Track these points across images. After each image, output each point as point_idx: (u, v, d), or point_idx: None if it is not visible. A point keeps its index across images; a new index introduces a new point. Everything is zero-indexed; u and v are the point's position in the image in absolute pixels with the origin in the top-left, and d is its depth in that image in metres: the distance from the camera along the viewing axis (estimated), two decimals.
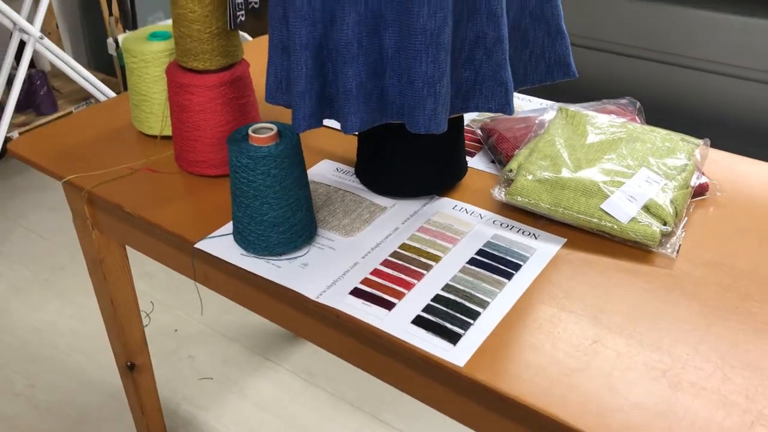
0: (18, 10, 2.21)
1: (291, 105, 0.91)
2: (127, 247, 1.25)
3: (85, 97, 2.79)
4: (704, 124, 2.31)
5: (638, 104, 1.19)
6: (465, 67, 0.86)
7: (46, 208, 2.49)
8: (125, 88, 2.36)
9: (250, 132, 0.88)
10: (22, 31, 2.15)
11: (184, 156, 1.08)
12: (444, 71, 0.81)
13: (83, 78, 2.30)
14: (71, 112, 2.75)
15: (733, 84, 2.25)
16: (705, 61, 2.25)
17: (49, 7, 2.84)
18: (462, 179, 1.05)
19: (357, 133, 1.02)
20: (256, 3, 1.04)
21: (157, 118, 1.16)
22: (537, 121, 1.11)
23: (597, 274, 0.87)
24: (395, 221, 0.98)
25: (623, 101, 1.19)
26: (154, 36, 1.16)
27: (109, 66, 2.93)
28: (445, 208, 1.00)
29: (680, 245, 0.92)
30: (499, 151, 1.09)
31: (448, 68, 0.82)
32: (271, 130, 0.89)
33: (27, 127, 2.55)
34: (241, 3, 1.02)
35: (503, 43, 0.84)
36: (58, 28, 2.95)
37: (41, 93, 2.62)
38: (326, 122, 1.19)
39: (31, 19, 2.23)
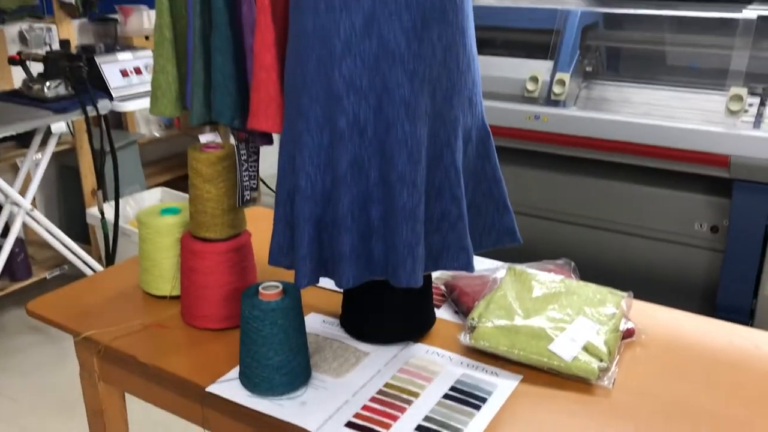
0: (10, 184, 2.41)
1: (292, 266, 1.11)
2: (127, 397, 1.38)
3: (59, 263, 2.93)
4: (627, 278, 2.59)
5: (572, 264, 1.43)
6: (434, 235, 1.09)
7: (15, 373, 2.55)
8: (106, 255, 2.52)
9: (260, 289, 1.07)
10: (14, 203, 2.34)
11: (191, 312, 1.25)
12: (420, 238, 1.03)
13: (67, 248, 2.46)
14: (45, 278, 2.88)
15: (648, 244, 2.56)
16: (626, 225, 2.57)
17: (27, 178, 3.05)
18: (432, 327, 1.24)
19: (343, 289, 1.22)
20: (251, 195, 1.27)
21: (164, 280, 1.33)
22: (491, 278, 1.32)
23: (549, 403, 1.05)
24: (378, 364, 1.15)
25: (560, 261, 1.43)
26: (166, 211, 1.36)
27: (83, 235, 3.10)
28: (420, 351, 1.19)
29: (615, 378, 1.11)
30: (462, 303, 1.29)
31: (422, 236, 1.04)
32: (277, 287, 1.08)
33: (2, 293, 2.66)
34: (247, 185, 1.25)
35: (464, 218, 1.07)
36: (35, 199, 3.14)
37: (18, 260, 2.75)
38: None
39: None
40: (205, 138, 1.28)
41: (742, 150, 2.22)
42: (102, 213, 2.47)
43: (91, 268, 2.67)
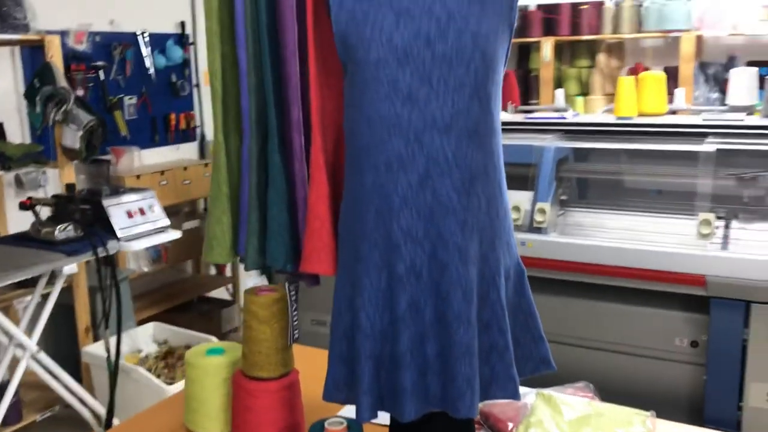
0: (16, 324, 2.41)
1: (347, 401, 1.19)
2: None
3: (49, 405, 2.88)
4: (615, 394, 2.68)
5: (591, 385, 1.54)
6: (484, 367, 1.18)
7: None
8: (111, 390, 2.51)
9: (326, 426, 1.14)
10: (18, 345, 2.34)
11: None
12: (476, 372, 1.13)
13: (69, 390, 2.45)
14: (35, 420, 2.82)
15: (633, 360, 2.68)
16: (612, 343, 2.70)
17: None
18: None
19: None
20: (299, 334, 1.36)
21: (212, 420, 1.38)
22: (521, 404, 1.42)
23: None
24: None
25: (580, 384, 1.53)
26: (211, 351, 1.43)
27: (74, 374, 3.06)
28: None
29: None
30: (499, 430, 1.37)
31: (477, 369, 1.14)
32: (342, 423, 1.15)
33: None
34: (296, 324, 1.34)
35: (510, 349, 1.18)
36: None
37: (10, 403, 2.71)
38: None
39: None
40: (251, 281, 1.38)
41: (716, 270, 2.40)
42: (108, 351, 2.48)
43: (91, 410, 2.65)
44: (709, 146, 2.52)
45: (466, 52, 1.09)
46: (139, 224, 2.56)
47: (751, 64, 3.56)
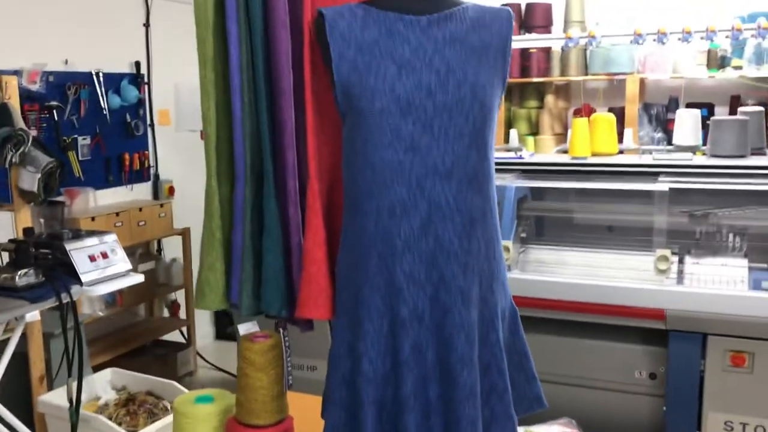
0: None
1: None
2: None
3: None
4: (605, 428, 2.74)
5: (574, 421, 1.57)
6: (484, 408, 1.21)
7: None
8: None
9: None
10: None
11: None
12: (479, 413, 1.15)
13: None
14: None
15: (594, 394, 2.74)
16: (575, 377, 2.75)
17: None
18: None
19: None
20: (292, 380, 1.36)
21: None
22: None
23: None
24: None
25: (563, 420, 1.57)
26: (200, 399, 1.41)
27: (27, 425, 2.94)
28: None
29: None
30: None
31: (480, 410, 1.16)
32: None
33: None
34: (290, 370, 1.33)
35: (509, 390, 1.21)
36: None
37: None
38: None
39: None
40: (244, 328, 1.38)
41: (675, 304, 2.50)
42: (71, 401, 2.39)
43: None
44: (662, 185, 2.64)
45: (466, 103, 1.14)
46: (102, 268, 2.50)
47: (690, 105, 3.75)
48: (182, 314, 4.22)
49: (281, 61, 1.28)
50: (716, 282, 2.58)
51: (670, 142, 3.38)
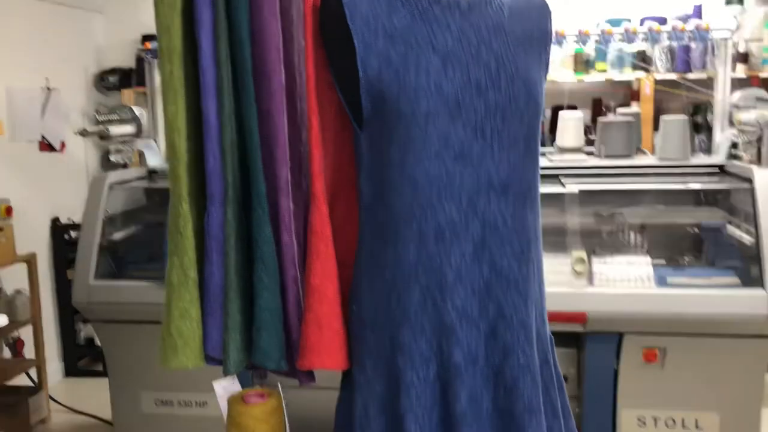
0: None
1: None
2: None
3: None
4: None
5: None
6: None
7: None
8: None
9: None
10: None
11: None
12: None
13: None
14: None
15: None
16: None
17: None
18: None
19: None
20: None
21: None
22: None
23: None
24: None
25: None
26: None
27: None
28: None
29: None
30: None
31: None
32: None
33: None
34: None
35: None
36: None
37: None
38: None
39: None
40: (222, 387, 1.11)
41: (594, 306, 2.48)
42: None
43: None
44: (572, 187, 2.62)
45: (520, 101, 0.96)
46: None
47: (555, 107, 3.86)
48: (28, 353, 3.65)
49: (271, 56, 1.03)
50: (624, 281, 2.60)
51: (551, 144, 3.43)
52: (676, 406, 2.60)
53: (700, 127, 3.72)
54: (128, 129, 3.00)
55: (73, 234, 3.79)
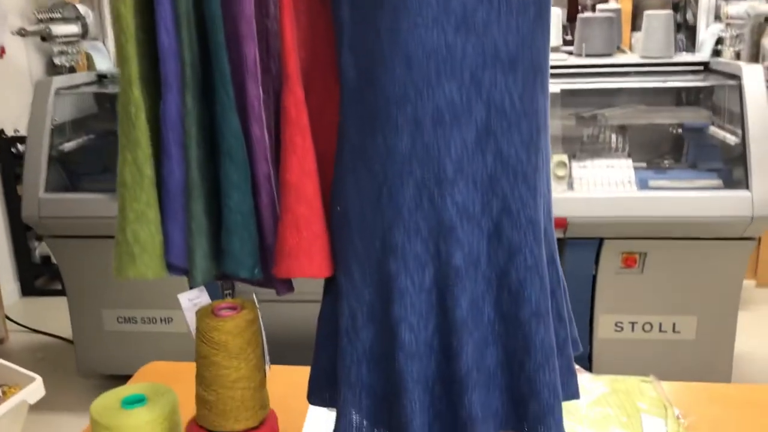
0: None
1: None
2: None
3: None
4: None
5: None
6: None
7: None
8: None
9: None
10: None
11: None
12: (558, 377, 0.88)
13: None
14: None
15: None
16: None
17: None
18: None
19: None
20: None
21: None
22: None
23: None
24: None
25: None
26: (129, 402, 0.99)
27: None
28: None
29: None
30: None
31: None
32: None
33: None
34: (266, 348, 0.97)
35: (569, 339, 0.96)
36: None
37: None
38: None
39: None
40: (188, 299, 0.98)
41: (575, 211, 2.39)
42: None
43: None
44: (553, 87, 2.49)
45: None
46: None
47: None
48: None
49: None
50: (605, 185, 2.52)
51: None
52: (654, 310, 2.58)
53: (680, 26, 3.58)
54: (73, 29, 2.75)
55: (21, 147, 3.55)
